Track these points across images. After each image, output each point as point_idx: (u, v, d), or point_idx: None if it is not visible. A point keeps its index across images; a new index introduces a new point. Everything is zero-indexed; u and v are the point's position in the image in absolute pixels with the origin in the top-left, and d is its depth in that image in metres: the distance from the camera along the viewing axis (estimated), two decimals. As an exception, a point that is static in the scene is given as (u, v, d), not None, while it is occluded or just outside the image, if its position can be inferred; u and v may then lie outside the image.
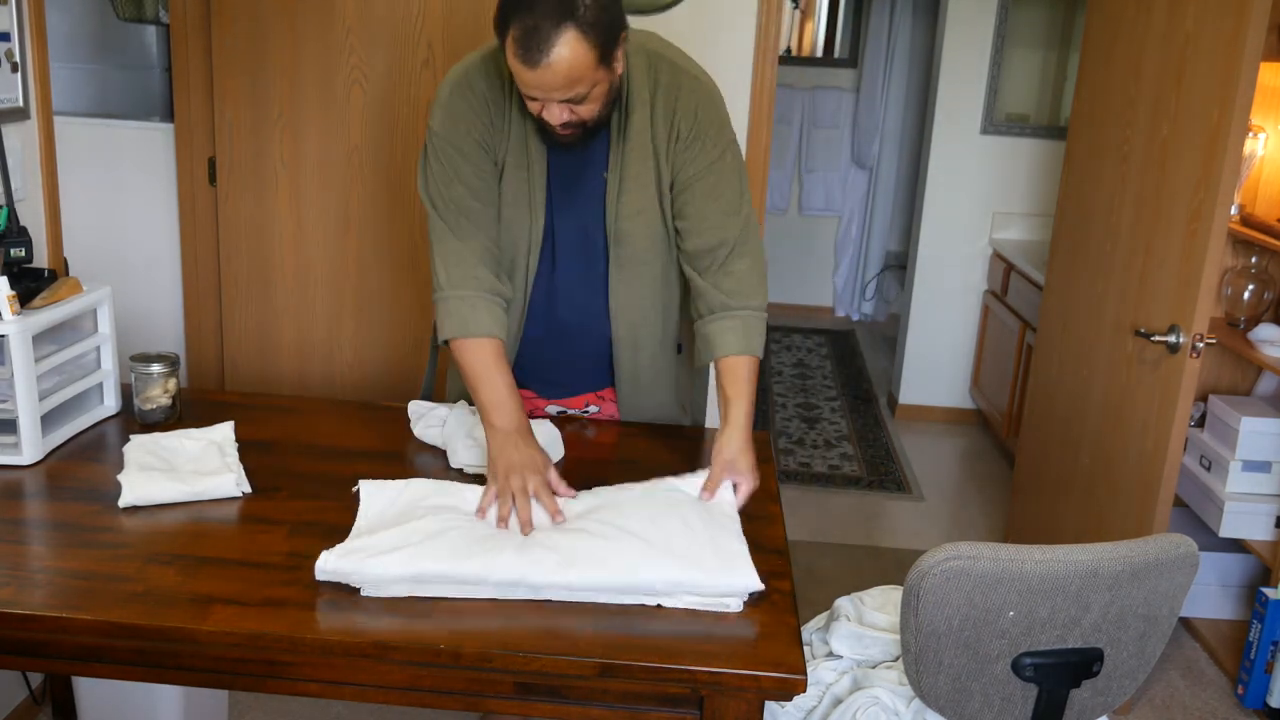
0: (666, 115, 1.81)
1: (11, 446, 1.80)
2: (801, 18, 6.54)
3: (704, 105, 1.82)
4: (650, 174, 1.84)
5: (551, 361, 2.02)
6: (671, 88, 1.80)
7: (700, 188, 1.83)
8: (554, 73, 1.57)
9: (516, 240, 1.88)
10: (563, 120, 1.67)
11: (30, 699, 2.42)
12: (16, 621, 1.39)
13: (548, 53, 1.55)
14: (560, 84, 1.59)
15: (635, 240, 1.87)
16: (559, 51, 1.55)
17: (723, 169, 1.84)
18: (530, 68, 1.57)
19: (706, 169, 1.82)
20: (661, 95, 1.80)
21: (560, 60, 1.56)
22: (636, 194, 1.84)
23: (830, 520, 3.79)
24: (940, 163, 4.64)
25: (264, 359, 3.21)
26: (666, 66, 1.81)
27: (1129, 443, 2.68)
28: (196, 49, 3.01)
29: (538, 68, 1.56)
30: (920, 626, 1.46)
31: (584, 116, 1.68)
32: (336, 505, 1.71)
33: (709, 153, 1.82)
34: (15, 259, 1.92)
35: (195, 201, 3.12)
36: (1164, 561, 1.48)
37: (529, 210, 1.85)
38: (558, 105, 1.64)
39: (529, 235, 1.87)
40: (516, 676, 1.39)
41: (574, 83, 1.60)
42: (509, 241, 1.88)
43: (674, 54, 1.85)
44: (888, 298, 6.47)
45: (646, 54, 1.81)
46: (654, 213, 1.86)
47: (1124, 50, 2.86)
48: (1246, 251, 3.06)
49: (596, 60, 1.59)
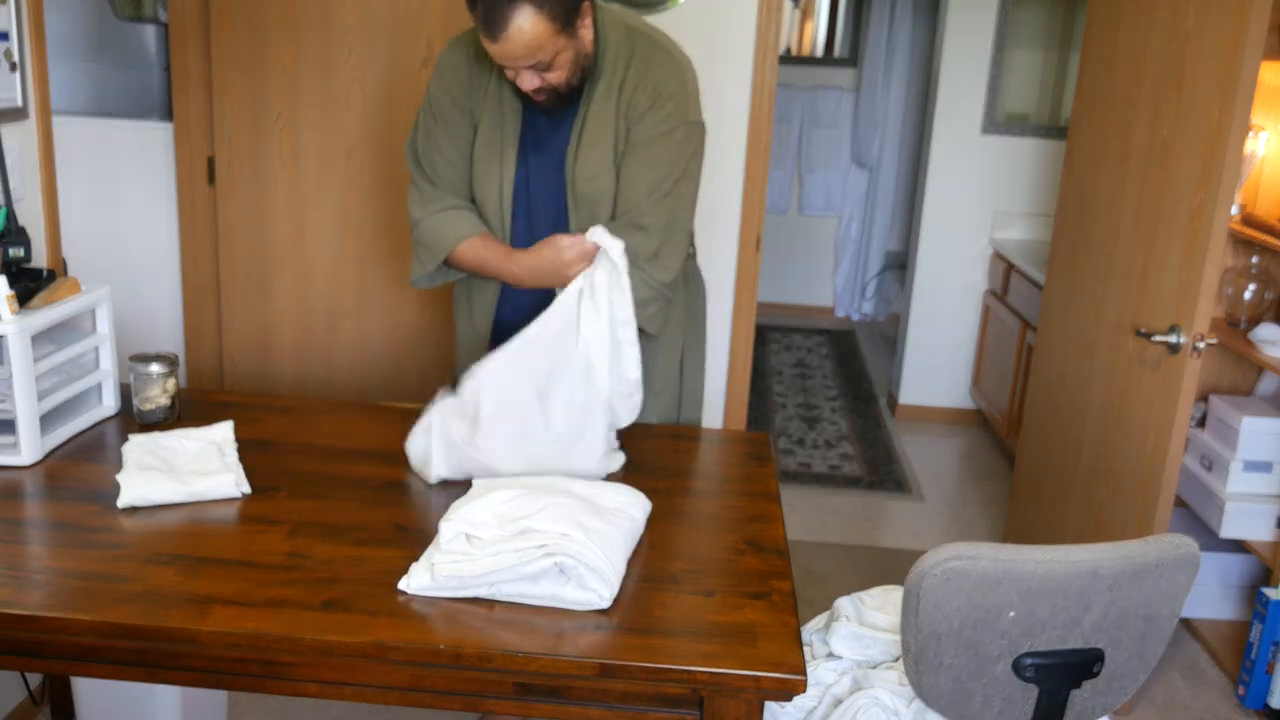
0: (633, 84, 1.89)
1: (10, 447, 1.80)
2: (801, 17, 6.53)
3: (671, 80, 1.90)
4: (609, 140, 1.91)
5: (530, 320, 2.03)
6: (645, 60, 1.89)
7: (639, 154, 1.90)
8: (514, 44, 1.71)
9: (488, 195, 1.98)
10: (533, 86, 1.80)
11: (29, 699, 2.42)
12: (16, 621, 1.39)
13: (505, 26, 1.69)
14: (522, 53, 1.73)
15: (595, 204, 1.94)
16: (517, 23, 1.69)
17: (668, 144, 1.90)
18: (492, 41, 1.72)
19: (653, 139, 1.89)
20: (635, 66, 1.89)
21: (519, 32, 1.70)
22: (594, 158, 1.91)
23: (830, 520, 3.79)
24: (940, 163, 4.64)
25: (263, 359, 3.21)
26: (644, 40, 1.91)
27: (1129, 443, 2.68)
28: (195, 48, 3.00)
29: (498, 40, 1.71)
30: (920, 627, 1.45)
31: (553, 83, 1.81)
32: (336, 505, 1.71)
33: (660, 124, 1.89)
34: (14, 259, 1.92)
35: (194, 201, 3.12)
36: (1164, 562, 1.48)
37: (499, 167, 1.95)
38: (526, 72, 1.79)
39: (499, 192, 1.97)
40: (516, 676, 1.39)
41: (535, 51, 1.73)
42: (482, 197, 1.99)
43: (654, 32, 1.94)
44: (888, 298, 6.46)
45: (627, 28, 1.90)
46: (610, 178, 1.92)
47: (1124, 50, 2.85)
48: (1247, 251, 3.06)
49: (556, 30, 1.72)
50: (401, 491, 1.78)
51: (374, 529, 1.64)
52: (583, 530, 1.46)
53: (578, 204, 1.94)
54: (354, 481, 1.80)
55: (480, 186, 1.98)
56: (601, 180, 1.92)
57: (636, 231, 1.89)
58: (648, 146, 1.89)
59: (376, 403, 2.21)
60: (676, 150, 1.90)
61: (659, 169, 1.89)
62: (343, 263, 3.13)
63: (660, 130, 1.88)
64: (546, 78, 1.79)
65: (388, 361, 3.20)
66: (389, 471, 1.84)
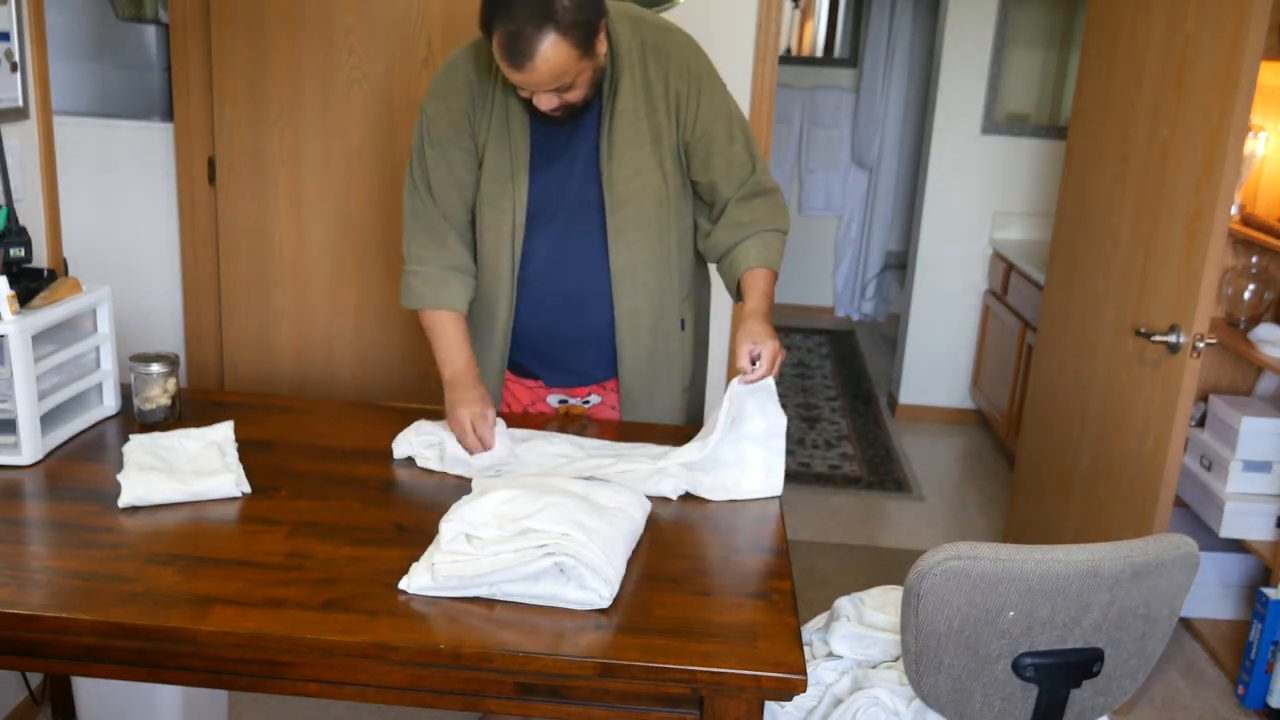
0: (660, 74, 1.89)
1: (11, 446, 1.80)
2: (801, 17, 6.54)
3: (693, 58, 1.92)
4: (645, 135, 1.90)
5: (555, 337, 2.04)
6: (659, 46, 1.89)
7: (719, 133, 1.93)
8: (539, 73, 1.67)
9: (500, 215, 1.95)
10: (552, 106, 1.77)
11: (30, 699, 2.42)
12: (16, 621, 1.39)
13: (531, 56, 1.64)
14: (546, 80, 1.70)
15: (637, 201, 1.93)
16: (542, 53, 1.65)
17: (727, 110, 1.94)
18: (516, 70, 1.68)
19: (716, 113, 1.93)
20: (651, 55, 1.89)
21: (544, 61, 1.66)
22: (630, 155, 1.90)
23: (830, 520, 3.79)
24: (940, 163, 4.64)
25: (263, 359, 3.21)
26: (650, 28, 1.91)
27: (1129, 443, 2.68)
28: (196, 48, 3.00)
29: (523, 70, 1.67)
30: (920, 626, 1.45)
31: (572, 101, 1.78)
32: (336, 505, 1.71)
33: (714, 99, 1.93)
34: (15, 259, 1.92)
35: (195, 201, 3.12)
36: (1164, 561, 1.48)
37: (511, 185, 1.92)
38: (546, 94, 1.75)
39: (512, 210, 1.94)
40: (516, 676, 1.39)
41: (559, 76, 1.70)
42: (493, 217, 1.95)
43: (650, 15, 1.95)
44: (888, 298, 6.46)
45: (630, 20, 1.90)
46: (653, 173, 1.92)
47: (1124, 50, 2.86)
48: (1247, 251, 3.06)
49: (579, 56, 1.69)
50: (401, 491, 1.78)
51: (374, 529, 1.64)
52: (583, 530, 1.46)
53: (616, 205, 1.92)
54: (354, 481, 1.80)
55: (491, 209, 1.95)
56: (643, 177, 1.91)
57: (767, 195, 1.97)
58: (716, 119, 1.93)
59: (376, 403, 2.21)
60: (733, 108, 1.96)
61: (737, 135, 1.95)
62: (343, 262, 3.13)
63: (714, 102, 1.93)
64: (565, 97, 1.76)
65: (388, 361, 3.20)
66: (389, 471, 1.84)
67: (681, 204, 1.98)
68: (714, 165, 1.94)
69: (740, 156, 1.95)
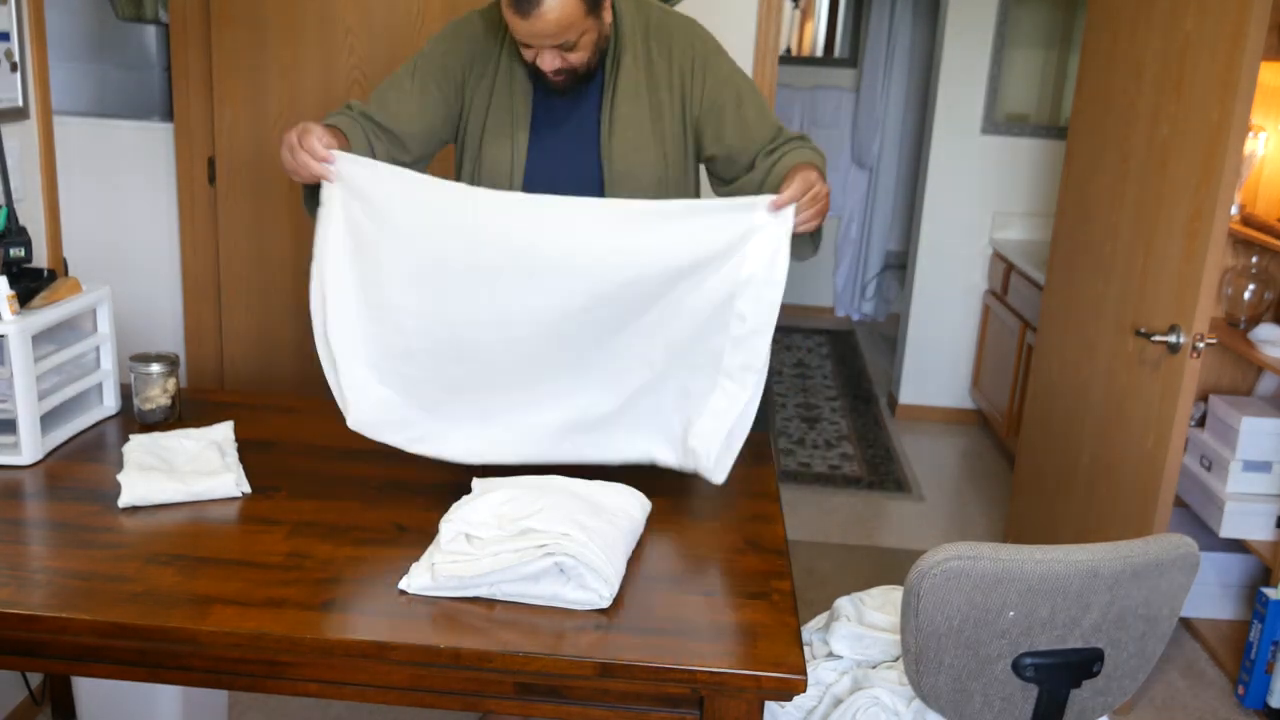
0: (664, 54, 1.91)
1: (11, 446, 1.80)
2: (801, 17, 6.54)
3: (698, 37, 1.94)
4: (645, 113, 1.91)
5: None
6: (663, 27, 1.92)
7: (729, 105, 1.92)
8: (545, 22, 1.70)
9: (498, 178, 1.95)
10: (554, 67, 1.79)
11: (30, 699, 2.42)
12: (16, 621, 1.39)
13: (538, 4, 1.67)
14: (551, 32, 1.72)
15: (635, 178, 1.93)
16: (549, 2, 1.68)
17: (735, 80, 1.94)
18: (523, 18, 1.70)
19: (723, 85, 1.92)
20: (655, 36, 1.91)
21: (550, 10, 1.69)
22: (631, 132, 1.91)
23: (830, 520, 3.79)
24: (940, 163, 4.64)
25: (263, 359, 3.21)
26: (654, 10, 1.93)
27: (1129, 443, 2.68)
28: (196, 49, 3.00)
29: (529, 18, 1.70)
30: (920, 626, 1.46)
31: (574, 63, 1.80)
32: (336, 505, 1.71)
33: (720, 72, 1.93)
34: (15, 259, 1.92)
35: (195, 201, 3.12)
36: (1164, 561, 1.48)
37: (510, 148, 1.93)
38: (549, 52, 1.77)
39: (509, 175, 1.95)
40: (516, 676, 1.39)
41: (564, 30, 1.72)
42: (491, 180, 1.96)
43: (659, 3, 1.96)
44: (888, 298, 6.47)
45: (635, 1, 1.92)
46: (652, 150, 1.93)
47: (1124, 50, 2.86)
48: (1247, 251, 3.06)
49: (585, 10, 1.72)
50: (401, 491, 1.78)
51: (374, 529, 1.64)
52: (583, 530, 1.46)
53: (614, 181, 1.92)
54: (354, 481, 1.80)
55: (487, 169, 1.96)
56: (642, 153, 1.92)
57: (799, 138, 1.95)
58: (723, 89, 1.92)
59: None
60: (742, 81, 1.96)
61: (748, 100, 1.94)
62: (343, 263, 3.12)
63: (721, 75, 1.93)
64: (568, 58, 1.79)
65: (388, 361, 3.19)
66: (389, 471, 1.84)
67: (680, 191, 1.98)
68: (726, 134, 1.93)
69: (754, 119, 1.92)
